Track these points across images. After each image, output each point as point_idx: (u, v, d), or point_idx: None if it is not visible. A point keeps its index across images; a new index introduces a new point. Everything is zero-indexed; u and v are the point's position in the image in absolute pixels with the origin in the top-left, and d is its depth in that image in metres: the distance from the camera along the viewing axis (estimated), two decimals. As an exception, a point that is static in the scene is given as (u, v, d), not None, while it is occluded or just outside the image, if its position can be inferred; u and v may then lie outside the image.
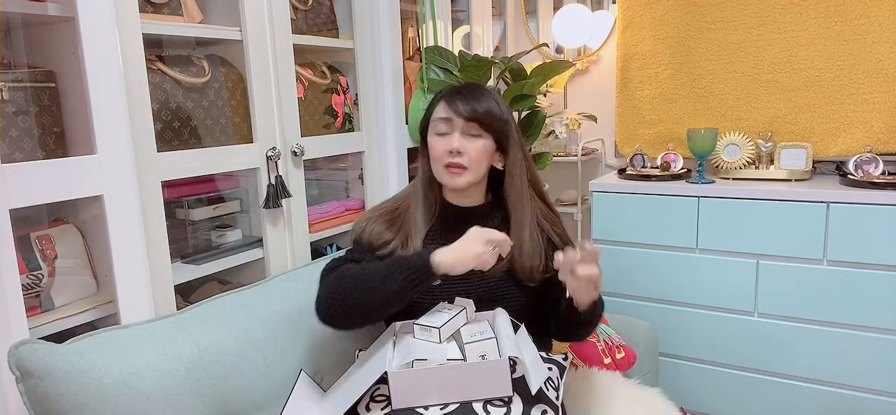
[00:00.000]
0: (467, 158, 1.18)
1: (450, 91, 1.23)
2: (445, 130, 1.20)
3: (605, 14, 2.38)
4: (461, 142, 1.18)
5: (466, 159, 1.18)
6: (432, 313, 1.13)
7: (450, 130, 1.20)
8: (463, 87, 1.24)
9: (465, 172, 1.19)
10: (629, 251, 2.01)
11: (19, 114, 1.04)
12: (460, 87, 1.23)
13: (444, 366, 1.02)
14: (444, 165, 1.20)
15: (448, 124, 1.20)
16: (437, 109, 1.23)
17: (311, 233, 1.60)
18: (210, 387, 1.08)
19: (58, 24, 1.09)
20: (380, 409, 1.06)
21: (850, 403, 1.75)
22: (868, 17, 1.88)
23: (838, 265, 1.71)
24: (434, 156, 1.21)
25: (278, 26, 1.45)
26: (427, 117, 1.26)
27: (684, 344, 1.97)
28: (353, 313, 1.12)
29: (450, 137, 1.19)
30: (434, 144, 1.21)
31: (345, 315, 1.13)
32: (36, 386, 0.92)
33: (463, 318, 1.12)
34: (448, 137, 1.19)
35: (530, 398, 1.04)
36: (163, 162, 1.23)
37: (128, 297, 1.12)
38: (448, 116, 1.19)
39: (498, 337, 1.08)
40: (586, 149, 2.32)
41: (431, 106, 1.26)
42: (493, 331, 1.09)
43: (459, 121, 1.18)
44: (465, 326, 1.12)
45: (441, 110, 1.21)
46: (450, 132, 1.20)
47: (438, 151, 1.20)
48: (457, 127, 1.19)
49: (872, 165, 1.82)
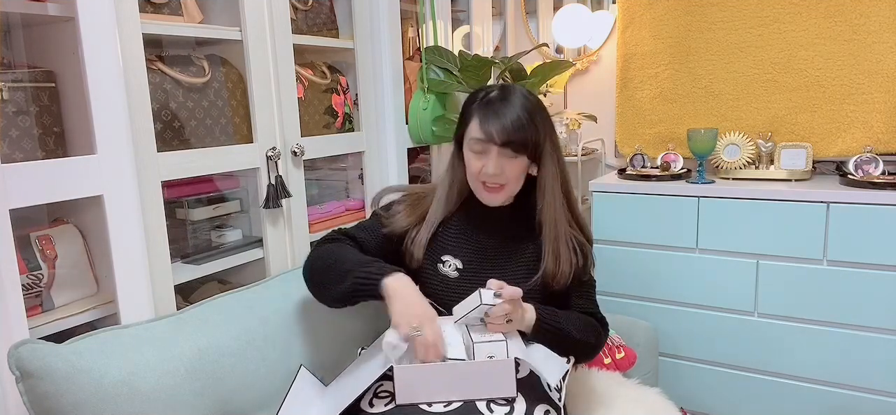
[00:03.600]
0: (505, 177, 1.18)
1: (484, 105, 1.18)
2: (481, 150, 1.18)
3: (605, 14, 2.38)
4: (498, 163, 1.17)
5: (504, 179, 1.18)
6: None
7: (485, 151, 1.18)
8: (496, 98, 1.18)
9: (503, 190, 1.20)
10: (629, 251, 2.01)
11: (19, 114, 1.04)
12: (493, 100, 1.18)
13: (449, 364, 1.03)
14: (480, 182, 1.20)
15: (483, 145, 1.18)
16: (471, 127, 1.19)
17: (311, 233, 1.60)
18: (210, 387, 1.08)
19: (58, 24, 1.09)
20: (383, 404, 1.06)
21: (850, 403, 1.75)
22: (868, 17, 1.88)
23: (838, 265, 1.71)
24: (470, 172, 1.21)
25: (278, 26, 1.45)
26: (461, 128, 1.24)
27: (684, 344, 1.97)
28: (323, 292, 1.19)
29: (486, 157, 1.18)
30: (470, 161, 1.21)
31: (318, 290, 1.20)
32: (36, 386, 0.92)
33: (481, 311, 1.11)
34: (484, 158, 1.18)
35: (534, 398, 1.04)
36: (163, 162, 1.23)
37: (128, 297, 1.12)
38: (482, 138, 1.17)
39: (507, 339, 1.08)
40: (586, 149, 2.32)
41: (466, 115, 1.22)
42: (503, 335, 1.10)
43: (494, 144, 1.16)
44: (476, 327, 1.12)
45: (475, 130, 1.18)
46: (485, 153, 1.18)
47: (474, 170, 1.20)
48: (492, 149, 1.17)
49: (872, 165, 1.82)
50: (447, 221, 1.28)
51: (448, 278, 1.23)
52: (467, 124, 1.21)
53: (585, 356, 1.26)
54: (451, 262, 1.23)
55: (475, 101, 1.21)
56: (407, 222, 1.27)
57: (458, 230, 1.27)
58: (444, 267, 1.24)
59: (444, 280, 1.23)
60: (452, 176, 1.28)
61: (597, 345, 1.24)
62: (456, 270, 1.23)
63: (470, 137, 1.20)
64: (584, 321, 1.24)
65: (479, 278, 1.19)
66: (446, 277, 1.23)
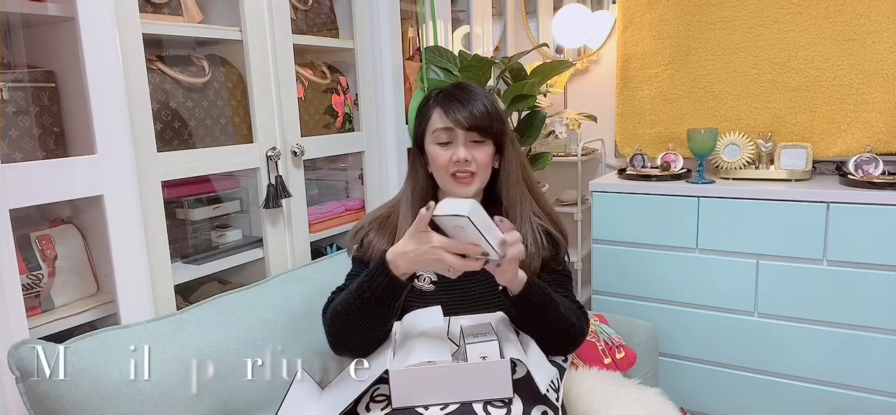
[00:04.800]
0: (476, 164, 1.17)
1: (443, 97, 1.19)
2: (447, 139, 1.17)
3: (605, 14, 2.38)
4: (467, 150, 1.16)
5: (475, 166, 1.17)
6: None
7: (452, 139, 1.17)
8: (453, 89, 1.20)
9: (475, 178, 1.18)
10: (629, 251, 2.01)
11: (19, 114, 1.04)
12: (451, 91, 1.20)
13: (445, 366, 1.02)
14: (450, 174, 1.18)
15: (449, 134, 1.17)
16: (433, 119, 1.19)
17: (311, 233, 1.60)
18: (210, 387, 1.08)
19: (58, 24, 1.09)
20: (380, 409, 1.06)
21: (850, 403, 1.75)
22: (868, 17, 1.88)
23: (838, 265, 1.71)
24: (438, 165, 1.19)
25: (278, 26, 1.45)
26: (421, 126, 1.22)
27: (684, 344, 1.97)
28: (356, 347, 1.14)
29: (453, 146, 1.17)
30: (436, 154, 1.18)
31: (352, 350, 1.15)
32: (36, 386, 0.92)
33: None
34: (451, 147, 1.17)
35: (530, 399, 1.04)
36: (163, 162, 1.22)
37: (128, 297, 1.12)
38: (448, 126, 1.16)
39: (500, 339, 1.08)
40: (586, 149, 2.32)
41: (424, 113, 1.22)
42: (495, 333, 1.09)
43: (460, 131, 1.15)
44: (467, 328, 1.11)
45: (438, 120, 1.18)
46: (452, 141, 1.17)
47: (443, 161, 1.17)
48: (459, 136, 1.16)
49: (872, 165, 1.82)
50: None
51: (424, 292, 1.20)
52: (427, 121, 1.20)
53: (570, 338, 1.19)
54: (425, 275, 1.20)
55: (430, 99, 1.22)
56: (382, 243, 1.21)
57: None
58: (419, 282, 1.20)
59: (422, 294, 1.20)
60: (414, 182, 1.25)
61: (581, 329, 1.19)
62: (431, 283, 1.20)
63: (434, 129, 1.18)
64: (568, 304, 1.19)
65: (454, 285, 1.16)
66: (422, 290, 1.20)
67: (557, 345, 1.18)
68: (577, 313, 1.19)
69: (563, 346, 1.19)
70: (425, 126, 1.21)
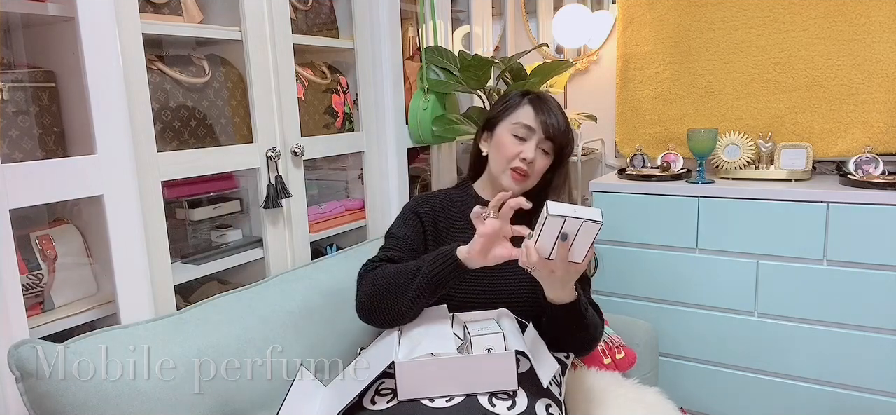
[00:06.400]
0: (535, 167, 1.25)
1: (536, 99, 1.28)
2: (524, 135, 1.25)
3: (605, 14, 2.38)
4: (534, 154, 1.24)
5: (534, 169, 1.25)
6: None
7: (527, 138, 1.24)
8: (546, 97, 1.29)
9: (528, 179, 1.26)
10: (629, 251, 2.01)
11: (19, 114, 1.04)
12: (545, 98, 1.28)
13: (451, 358, 1.03)
14: (511, 166, 1.25)
15: (528, 132, 1.25)
16: (521, 112, 1.27)
17: (311, 233, 1.60)
18: (210, 387, 1.08)
19: (58, 24, 1.09)
20: (385, 401, 1.06)
21: (850, 403, 1.75)
22: (868, 17, 1.88)
23: (838, 265, 1.71)
24: (504, 153, 1.26)
25: (278, 26, 1.45)
26: (503, 110, 1.30)
27: (684, 344, 1.97)
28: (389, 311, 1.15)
29: (526, 144, 1.24)
30: (507, 143, 1.25)
31: (382, 313, 1.16)
32: (36, 386, 0.92)
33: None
34: (524, 144, 1.24)
35: (534, 392, 1.04)
36: (163, 162, 1.23)
37: (128, 297, 1.12)
38: (533, 126, 1.24)
39: (504, 332, 1.08)
40: (586, 149, 2.32)
41: (513, 102, 1.29)
42: (499, 327, 1.10)
43: (540, 134, 1.24)
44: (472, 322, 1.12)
45: (527, 116, 1.25)
46: (527, 140, 1.24)
47: (511, 152, 1.25)
48: (535, 138, 1.24)
49: (872, 165, 1.82)
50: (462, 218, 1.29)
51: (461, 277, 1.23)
52: (512, 111, 1.28)
53: (587, 348, 1.26)
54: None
55: (522, 94, 1.30)
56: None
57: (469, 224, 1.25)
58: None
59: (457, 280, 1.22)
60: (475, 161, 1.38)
61: (596, 338, 1.26)
62: None
63: (517, 122, 1.26)
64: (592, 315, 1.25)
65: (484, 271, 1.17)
66: None
67: (574, 347, 1.24)
68: (597, 325, 1.25)
69: (579, 349, 1.26)
70: (508, 115, 1.28)
